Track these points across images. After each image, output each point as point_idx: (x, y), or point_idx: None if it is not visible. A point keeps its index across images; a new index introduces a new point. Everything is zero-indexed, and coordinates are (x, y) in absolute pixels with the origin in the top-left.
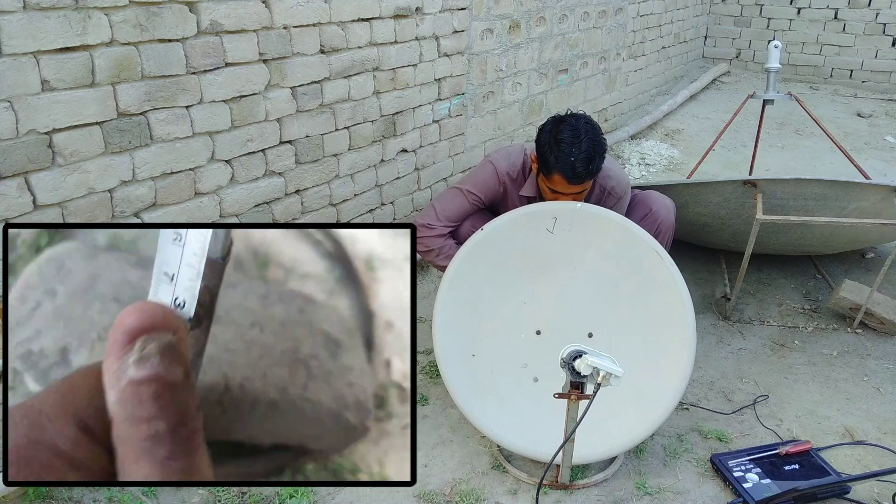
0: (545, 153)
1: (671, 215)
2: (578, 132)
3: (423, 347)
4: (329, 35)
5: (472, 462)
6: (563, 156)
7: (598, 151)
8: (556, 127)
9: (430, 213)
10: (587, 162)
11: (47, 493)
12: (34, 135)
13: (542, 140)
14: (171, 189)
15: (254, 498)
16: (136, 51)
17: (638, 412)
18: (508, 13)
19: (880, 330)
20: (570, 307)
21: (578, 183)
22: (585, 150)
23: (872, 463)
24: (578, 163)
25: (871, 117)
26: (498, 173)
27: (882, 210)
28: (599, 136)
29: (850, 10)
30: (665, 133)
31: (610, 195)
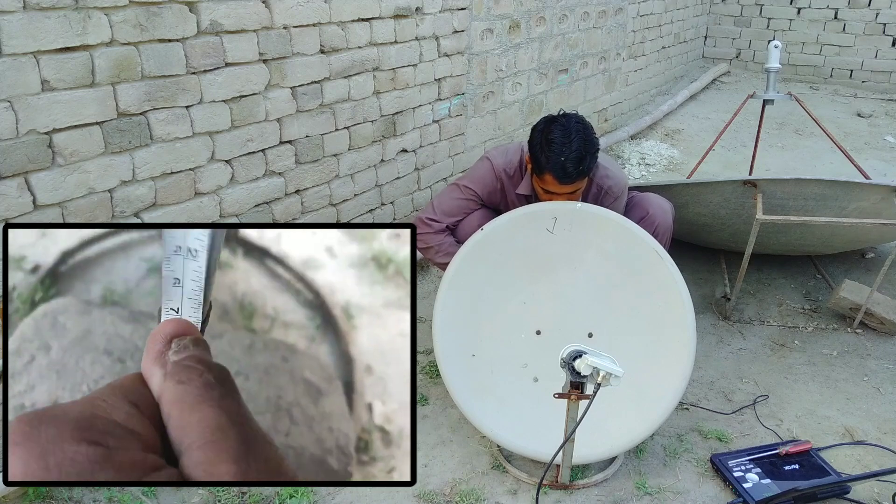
0: (537, 153)
1: (669, 217)
2: (569, 132)
3: (423, 347)
4: (329, 35)
5: (472, 462)
6: (553, 156)
7: (590, 151)
8: (547, 127)
9: (429, 209)
10: (578, 162)
11: (47, 493)
12: (34, 135)
13: (534, 140)
14: (171, 189)
15: (254, 498)
16: (136, 51)
17: (638, 412)
18: (508, 13)
19: (880, 330)
20: (570, 307)
21: (570, 183)
22: (576, 149)
23: (872, 463)
24: (569, 163)
25: (871, 117)
26: (494, 169)
27: (882, 210)
28: (591, 135)
29: (850, 10)
30: (665, 133)
31: (607, 194)
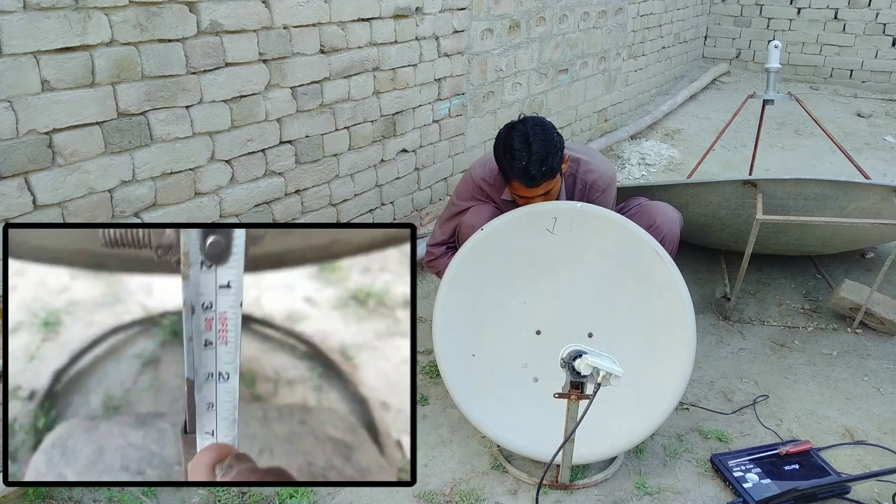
0: (501, 163)
1: (676, 228)
2: (527, 136)
3: (423, 347)
4: (329, 35)
5: (472, 462)
6: (516, 162)
7: (551, 151)
8: (507, 135)
9: (434, 232)
10: (540, 163)
11: (47, 493)
12: (34, 135)
13: (497, 150)
14: (171, 189)
15: (254, 498)
16: (136, 51)
17: (638, 412)
18: (508, 13)
19: (880, 330)
20: (570, 307)
21: (537, 185)
22: (537, 151)
23: (872, 463)
24: (532, 166)
25: (871, 117)
26: (474, 179)
27: (882, 210)
28: (551, 135)
29: (850, 10)
30: (665, 133)
31: (593, 188)
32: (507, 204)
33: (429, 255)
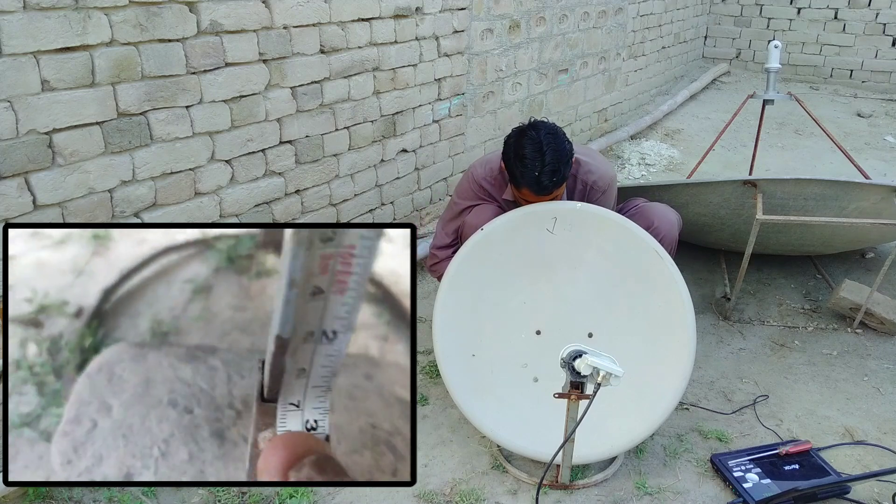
0: (511, 168)
1: (674, 230)
2: (540, 145)
3: (423, 347)
4: (329, 35)
5: (472, 462)
6: (527, 171)
7: (563, 160)
8: (518, 141)
9: (436, 234)
10: (552, 174)
11: (47, 493)
12: (34, 135)
13: (507, 155)
14: (171, 189)
15: (254, 498)
16: (136, 51)
17: (638, 412)
18: (508, 13)
19: (880, 330)
20: (570, 307)
21: (547, 194)
22: (550, 162)
23: (872, 463)
24: (544, 176)
25: (871, 117)
26: (475, 179)
27: (882, 210)
28: (563, 144)
29: (850, 10)
30: (665, 133)
31: (594, 189)
32: (509, 203)
33: (432, 258)
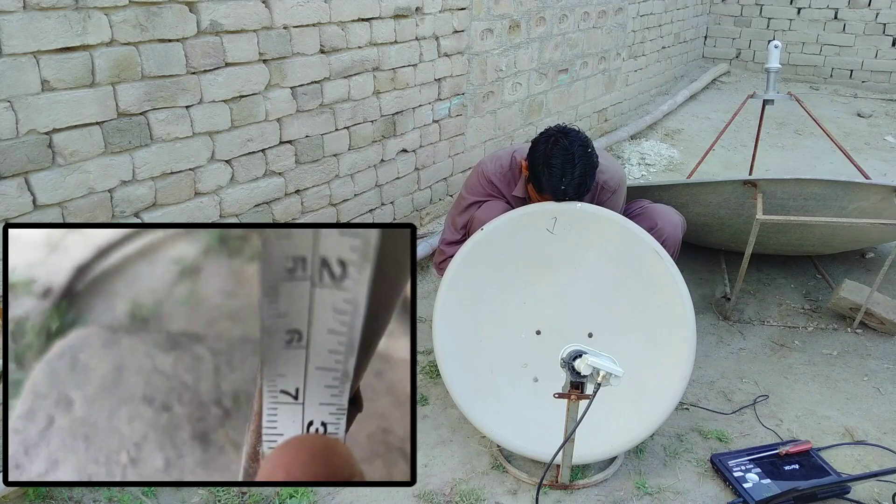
0: (537, 173)
1: (678, 232)
2: (572, 157)
3: (423, 347)
4: (329, 35)
5: (472, 462)
6: (554, 180)
7: (590, 173)
8: (548, 149)
9: (445, 229)
10: (578, 188)
11: (47, 493)
12: (34, 135)
13: (535, 160)
14: (171, 189)
15: (254, 498)
16: (136, 51)
17: (638, 412)
18: (508, 13)
19: (880, 330)
20: (570, 307)
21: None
22: (577, 176)
23: (872, 463)
24: (570, 189)
25: (871, 117)
26: (484, 174)
27: (882, 210)
28: (591, 157)
29: (850, 10)
30: (665, 133)
31: (604, 189)
32: (517, 200)
33: (440, 255)
